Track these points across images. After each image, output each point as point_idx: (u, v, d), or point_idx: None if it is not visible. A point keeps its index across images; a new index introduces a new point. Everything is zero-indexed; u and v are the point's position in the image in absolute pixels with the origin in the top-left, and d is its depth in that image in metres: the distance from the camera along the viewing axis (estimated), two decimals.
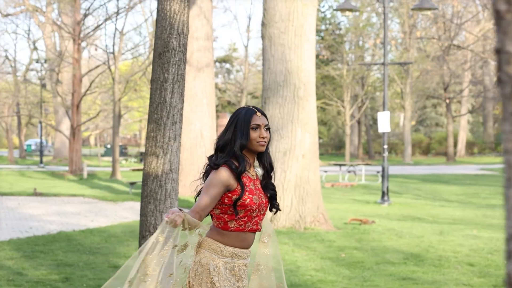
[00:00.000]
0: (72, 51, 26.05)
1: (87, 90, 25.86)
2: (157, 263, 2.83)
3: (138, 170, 20.53)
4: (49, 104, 39.11)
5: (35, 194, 16.76)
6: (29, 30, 49.05)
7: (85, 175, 23.90)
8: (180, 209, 2.75)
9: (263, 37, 10.36)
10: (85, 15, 25.80)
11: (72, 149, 25.54)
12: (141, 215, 4.53)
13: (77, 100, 25.30)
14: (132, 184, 17.53)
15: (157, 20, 4.39)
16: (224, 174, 2.90)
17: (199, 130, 16.35)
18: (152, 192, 4.33)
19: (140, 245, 4.44)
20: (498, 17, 0.91)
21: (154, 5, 35.36)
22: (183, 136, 16.34)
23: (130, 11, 25.99)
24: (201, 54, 16.26)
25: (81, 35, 25.58)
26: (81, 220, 12.01)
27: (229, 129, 3.02)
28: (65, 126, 32.78)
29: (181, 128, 4.44)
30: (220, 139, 3.05)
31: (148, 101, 5.13)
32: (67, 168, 27.49)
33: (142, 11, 30.61)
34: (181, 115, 4.37)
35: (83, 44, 27.16)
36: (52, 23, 27.65)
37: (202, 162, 16.08)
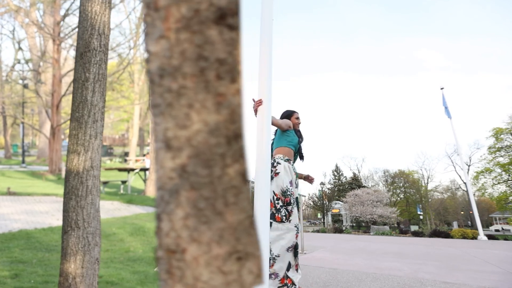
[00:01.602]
0: (52, 51, 26.04)
1: (67, 90, 25.88)
2: None
3: (111, 169, 20.58)
4: (34, 105, 39.03)
5: (9, 193, 16.76)
6: (13, 30, 48.94)
7: (63, 174, 23.91)
8: None
9: None
10: (65, 15, 25.78)
11: (52, 149, 25.54)
12: (63, 211, 4.60)
13: (57, 100, 25.30)
14: (105, 183, 17.56)
15: (79, 21, 4.50)
16: None
17: None
18: (73, 189, 4.41)
19: (63, 241, 4.53)
20: (144, 20, 1.06)
21: (136, 4, 35.33)
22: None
23: (112, 10, 25.90)
24: None
25: (61, 35, 25.57)
26: (47, 219, 12.05)
27: None
28: (49, 126, 32.67)
29: (102, 126, 4.54)
30: None
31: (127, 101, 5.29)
32: (48, 168, 27.47)
33: (125, 10, 30.48)
34: (103, 113, 4.48)
35: (66, 44, 27.12)
36: (32, 23, 27.63)
37: None
